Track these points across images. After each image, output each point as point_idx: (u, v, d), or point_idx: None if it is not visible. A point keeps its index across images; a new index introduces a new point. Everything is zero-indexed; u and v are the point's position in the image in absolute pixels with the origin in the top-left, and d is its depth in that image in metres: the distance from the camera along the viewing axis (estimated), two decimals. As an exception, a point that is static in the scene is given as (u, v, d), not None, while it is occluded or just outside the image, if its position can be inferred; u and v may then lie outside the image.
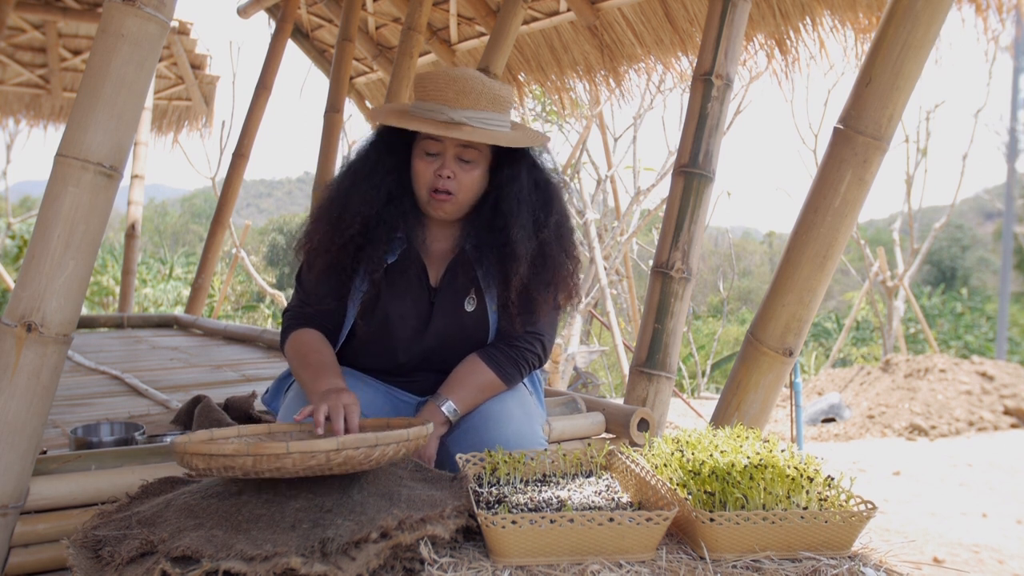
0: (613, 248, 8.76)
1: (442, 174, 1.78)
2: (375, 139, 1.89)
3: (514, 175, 1.82)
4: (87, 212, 1.57)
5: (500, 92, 1.80)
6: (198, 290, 6.16)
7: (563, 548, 1.29)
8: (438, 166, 1.79)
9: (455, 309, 1.87)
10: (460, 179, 1.79)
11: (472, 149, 1.79)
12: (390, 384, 1.94)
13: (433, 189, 1.80)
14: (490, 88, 1.78)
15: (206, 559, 1.18)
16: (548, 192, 1.88)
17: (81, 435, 2.12)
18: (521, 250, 1.78)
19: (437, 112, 1.76)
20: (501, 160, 1.84)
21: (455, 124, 1.74)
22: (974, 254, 25.15)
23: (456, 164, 1.79)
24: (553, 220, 1.86)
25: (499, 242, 1.80)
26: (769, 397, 2.43)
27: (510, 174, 1.82)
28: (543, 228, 1.83)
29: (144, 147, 6.58)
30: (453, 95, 1.75)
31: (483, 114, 1.76)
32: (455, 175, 1.79)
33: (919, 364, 8.23)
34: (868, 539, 1.39)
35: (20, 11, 6.29)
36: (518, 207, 1.80)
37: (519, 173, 1.83)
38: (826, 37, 3.76)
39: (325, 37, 6.27)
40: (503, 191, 1.81)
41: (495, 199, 1.82)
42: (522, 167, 1.84)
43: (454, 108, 1.75)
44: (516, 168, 1.83)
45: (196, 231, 27.60)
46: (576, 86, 5.08)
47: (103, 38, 1.59)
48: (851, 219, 2.34)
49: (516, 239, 1.78)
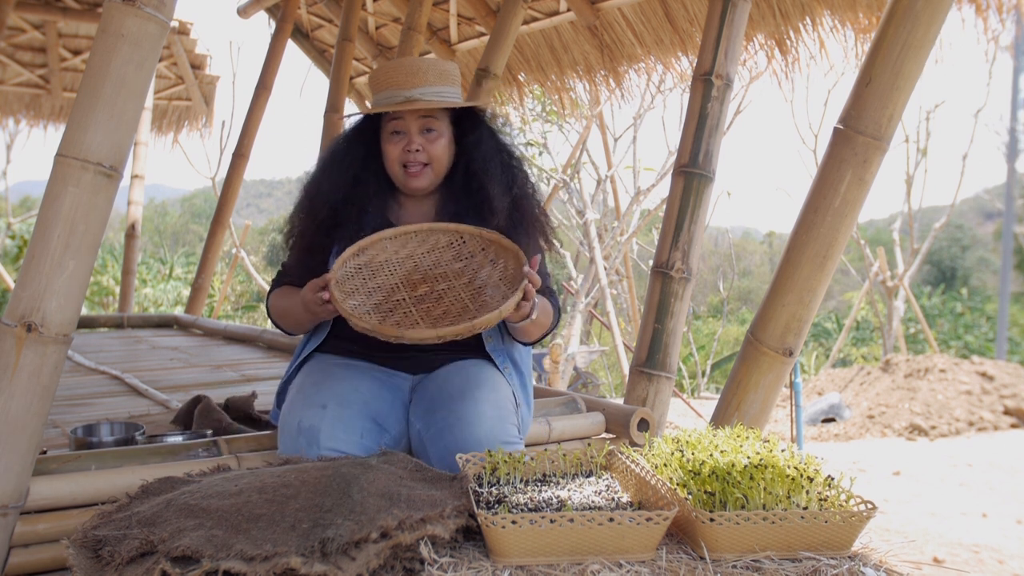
0: (613, 248, 8.76)
1: (410, 148, 1.95)
2: (342, 136, 2.09)
3: (478, 140, 2.00)
4: (87, 212, 1.57)
5: (445, 67, 1.99)
6: (198, 290, 6.15)
7: (563, 548, 1.29)
8: (405, 143, 1.95)
9: None
10: (428, 150, 1.96)
11: (433, 119, 1.96)
12: (383, 365, 1.96)
13: (404, 165, 1.96)
14: (435, 65, 1.97)
15: (206, 559, 1.18)
16: (511, 152, 2.05)
17: (81, 435, 2.12)
18: (498, 205, 1.93)
19: (393, 96, 1.93)
20: (464, 129, 2.01)
21: (410, 100, 1.92)
22: (974, 254, 25.14)
23: (421, 137, 1.96)
24: (520, 177, 2.02)
25: (476, 202, 1.97)
26: (769, 397, 2.43)
27: (474, 139, 1.99)
28: (513, 184, 1.99)
29: (144, 147, 6.57)
30: (403, 78, 1.94)
31: (434, 88, 1.94)
32: (423, 147, 1.95)
33: (919, 364, 8.22)
34: (868, 539, 1.39)
35: (20, 11, 6.29)
36: (489, 166, 1.96)
37: (482, 137, 2.00)
38: (826, 37, 3.76)
39: (325, 37, 6.27)
40: (471, 155, 1.99)
41: (465, 164, 1.99)
42: (483, 132, 2.01)
43: (406, 88, 1.93)
44: (479, 133, 2.00)
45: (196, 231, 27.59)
46: (576, 86, 5.08)
47: (103, 38, 1.59)
48: (851, 219, 2.34)
49: (493, 195, 1.93)
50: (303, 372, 1.93)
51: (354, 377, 1.88)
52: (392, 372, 1.96)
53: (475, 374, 1.89)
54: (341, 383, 1.84)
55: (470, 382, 1.85)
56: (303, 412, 1.77)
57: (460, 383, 1.86)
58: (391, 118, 1.97)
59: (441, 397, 1.84)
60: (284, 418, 1.82)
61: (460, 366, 1.93)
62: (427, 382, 1.92)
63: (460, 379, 1.87)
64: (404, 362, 1.96)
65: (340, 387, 1.83)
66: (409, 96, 1.92)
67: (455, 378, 1.88)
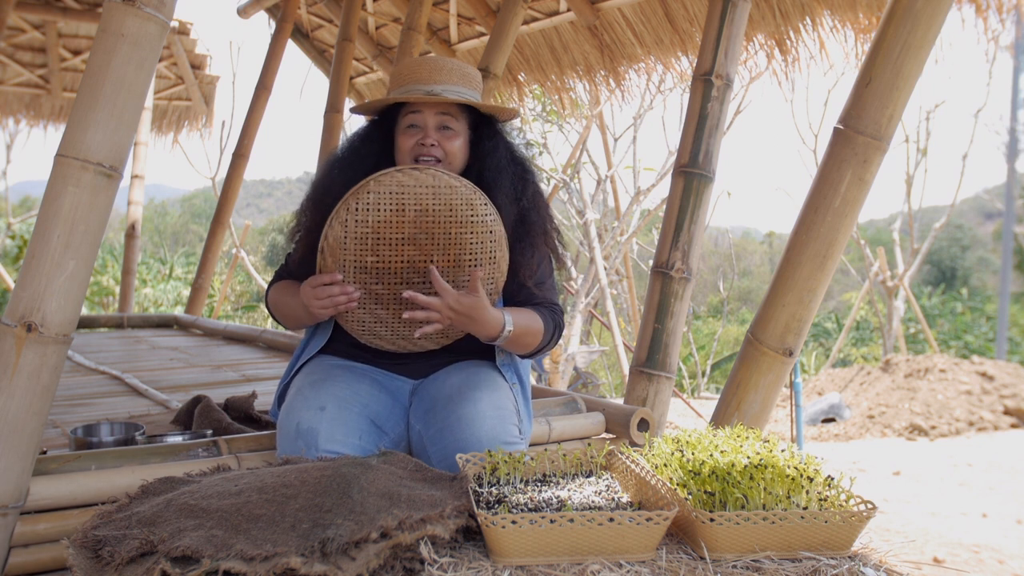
0: (613, 248, 8.76)
1: (425, 142, 1.89)
2: (358, 131, 2.03)
3: (494, 147, 1.94)
4: (87, 212, 1.57)
5: (469, 71, 1.96)
6: (198, 290, 6.15)
7: (563, 548, 1.29)
8: (421, 136, 1.90)
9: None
10: (444, 145, 1.90)
11: (451, 118, 1.91)
12: (384, 368, 1.95)
13: (416, 158, 1.89)
14: (459, 66, 1.94)
15: (206, 559, 1.18)
16: (524, 165, 2.00)
17: (81, 435, 2.12)
18: (503, 216, 1.86)
19: (413, 90, 1.90)
20: (480, 134, 1.96)
21: (431, 94, 1.88)
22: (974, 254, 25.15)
23: (438, 133, 1.90)
24: (531, 190, 1.97)
25: None
26: (769, 397, 2.43)
27: (490, 146, 1.94)
28: (522, 196, 1.95)
29: (144, 147, 6.57)
30: (426, 73, 1.91)
31: (456, 88, 1.92)
32: (439, 143, 1.90)
33: (919, 364, 8.22)
34: (868, 539, 1.39)
35: (20, 11, 6.29)
36: (500, 176, 1.91)
37: (498, 145, 1.95)
38: (826, 37, 3.76)
39: (325, 37, 6.27)
40: (485, 162, 1.93)
41: (478, 170, 1.92)
42: (499, 140, 1.96)
43: (428, 84, 1.90)
44: (495, 141, 1.95)
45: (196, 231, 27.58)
46: (576, 86, 5.08)
47: (103, 38, 1.59)
48: (851, 219, 2.34)
49: (499, 205, 1.86)
50: (302, 373, 1.93)
51: (353, 379, 1.88)
52: (392, 376, 1.96)
53: (475, 374, 1.89)
54: (340, 385, 1.84)
55: (470, 382, 1.85)
56: (302, 414, 1.76)
57: (460, 383, 1.86)
58: (409, 111, 1.92)
59: (441, 398, 1.84)
60: (283, 420, 1.82)
61: (460, 367, 1.93)
62: (427, 384, 1.92)
63: (460, 380, 1.87)
64: (404, 366, 1.96)
65: (339, 389, 1.83)
66: (430, 91, 1.89)
67: (455, 379, 1.88)
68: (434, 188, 1.75)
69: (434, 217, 1.76)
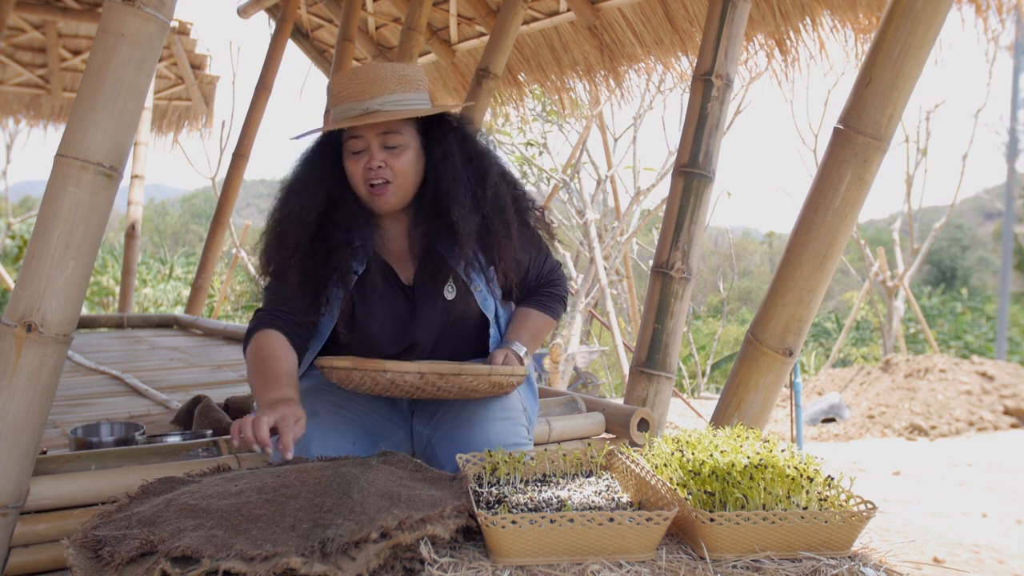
0: (613, 248, 8.76)
1: (371, 166, 1.78)
2: (304, 155, 1.90)
3: (446, 152, 1.83)
4: (87, 212, 1.57)
5: (406, 72, 1.82)
6: (198, 290, 6.16)
7: (563, 548, 1.29)
8: (367, 160, 1.79)
9: (435, 301, 1.88)
10: (392, 166, 1.79)
11: (395, 134, 1.79)
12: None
13: (369, 184, 1.80)
14: (394, 71, 1.80)
15: (206, 559, 1.18)
16: (482, 161, 1.89)
17: (81, 435, 2.12)
18: (464, 229, 1.79)
19: (350, 110, 1.78)
20: (431, 140, 1.84)
21: (367, 114, 1.75)
22: (974, 254, 25.15)
23: (383, 153, 1.79)
24: (490, 192, 1.86)
25: (447, 222, 1.81)
26: (769, 397, 2.43)
27: (442, 152, 1.83)
28: (484, 202, 1.84)
29: (144, 147, 6.57)
30: (359, 88, 1.77)
31: (394, 97, 1.78)
32: (385, 163, 1.79)
33: (919, 364, 8.22)
34: (868, 539, 1.39)
35: (20, 11, 6.29)
36: (456, 186, 1.81)
37: (451, 149, 1.84)
38: (826, 37, 3.76)
39: (325, 37, 6.27)
40: (439, 170, 1.82)
41: (435, 180, 1.82)
42: (451, 142, 1.85)
43: (364, 100, 1.76)
44: (446, 144, 1.84)
45: (196, 231, 27.57)
46: (576, 86, 5.08)
47: (103, 38, 1.59)
48: (851, 219, 2.34)
49: (457, 218, 1.79)
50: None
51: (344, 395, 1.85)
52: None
53: None
54: (334, 392, 1.83)
55: None
56: None
57: None
58: (350, 136, 1.80)
59: (448, 400, 1.83)
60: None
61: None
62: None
63: None
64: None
65: (333, 396, 1.82)
66: (367, 108, 1.76)
67: None
68: (451, 377, 1.70)
69: (447, 392, 1.75)
